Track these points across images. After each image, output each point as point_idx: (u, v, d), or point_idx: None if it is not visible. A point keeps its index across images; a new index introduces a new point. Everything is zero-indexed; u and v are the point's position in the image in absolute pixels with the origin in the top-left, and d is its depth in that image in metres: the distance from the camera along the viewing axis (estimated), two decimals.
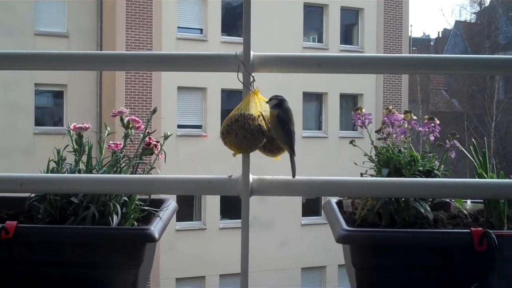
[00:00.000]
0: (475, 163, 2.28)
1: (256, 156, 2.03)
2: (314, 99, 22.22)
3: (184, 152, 18.29)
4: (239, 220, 2.00)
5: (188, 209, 19.57)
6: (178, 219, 18.62)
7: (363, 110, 2.36)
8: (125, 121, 2.28)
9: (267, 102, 2.01)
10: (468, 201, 2.39)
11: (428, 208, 2.16)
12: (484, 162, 2.28)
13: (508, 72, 3.41)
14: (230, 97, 20.00)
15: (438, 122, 2.31)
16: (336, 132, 21.85)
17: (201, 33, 20.53)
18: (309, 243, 20.11)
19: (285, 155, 2.05)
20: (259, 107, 1.99)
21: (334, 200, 2.31)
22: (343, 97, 22.31)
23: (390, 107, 2.35)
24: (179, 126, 19.34)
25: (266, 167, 2.44)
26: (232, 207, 18.37)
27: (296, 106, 19.59)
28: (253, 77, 1.97)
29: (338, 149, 20.48)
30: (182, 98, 19.71)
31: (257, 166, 2.23)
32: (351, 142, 2.48)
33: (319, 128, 22.31)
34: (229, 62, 2.00)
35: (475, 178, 2.26)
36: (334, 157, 20.18)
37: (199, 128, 20.25)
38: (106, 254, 2.04)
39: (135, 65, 2.63)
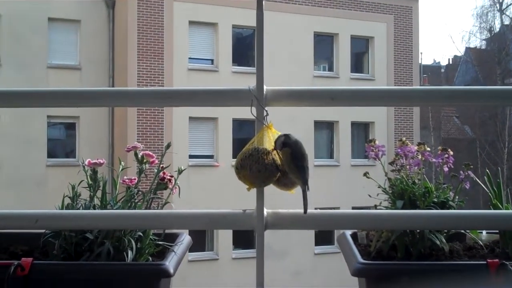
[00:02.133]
0: (490, 194, 2.27)
1: (270, 188, 2.02)
2: (326, 127, 22.25)
3: (196, 182, 18.27)
4: (252, 250, 2.00)
5: (200, 239, 19.50)
6: (191, 250, 18.27)
7: (376, 142, 2.36)
8: (139, 156, 2.29)
9: (274, 149, 1.97)
10: (484, 232, 2.38)
11: (444, 240, 2.14)
12: (498, 193, 2.27)
13: None
14: (241, 127, 20.07)
15: (451, 153, 2.30)
16: (348, 160, 21.83)
17: (212, 63, 20.67)
18: (322, 273, 19.96)
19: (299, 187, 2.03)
20: (272, 141, 1.99)
21: (348, 232, 2.30)
22: (354, 125, 22.34)
23: (403, 138, 2.34)
24: (191, 156, 19.37)
25: (279, 199, 2.43)
26: (245, 237, 18.29)
27: (307, 135, 19.64)
28: (266, 111, 1.98)
29: (350, 177, 20.45)
30: (194, 128, 19.78)
31: (270, 198, 2.22)
32: (365, 174, 2.47)
33: (331, 156, 22.31)
34: (242, 96, 2.01)
35: (489, 208, 2.25)
36: (346, 185, 20.16)
37: (211, 158, 20.27)
38: None
39: (147, 101, 2.63)
